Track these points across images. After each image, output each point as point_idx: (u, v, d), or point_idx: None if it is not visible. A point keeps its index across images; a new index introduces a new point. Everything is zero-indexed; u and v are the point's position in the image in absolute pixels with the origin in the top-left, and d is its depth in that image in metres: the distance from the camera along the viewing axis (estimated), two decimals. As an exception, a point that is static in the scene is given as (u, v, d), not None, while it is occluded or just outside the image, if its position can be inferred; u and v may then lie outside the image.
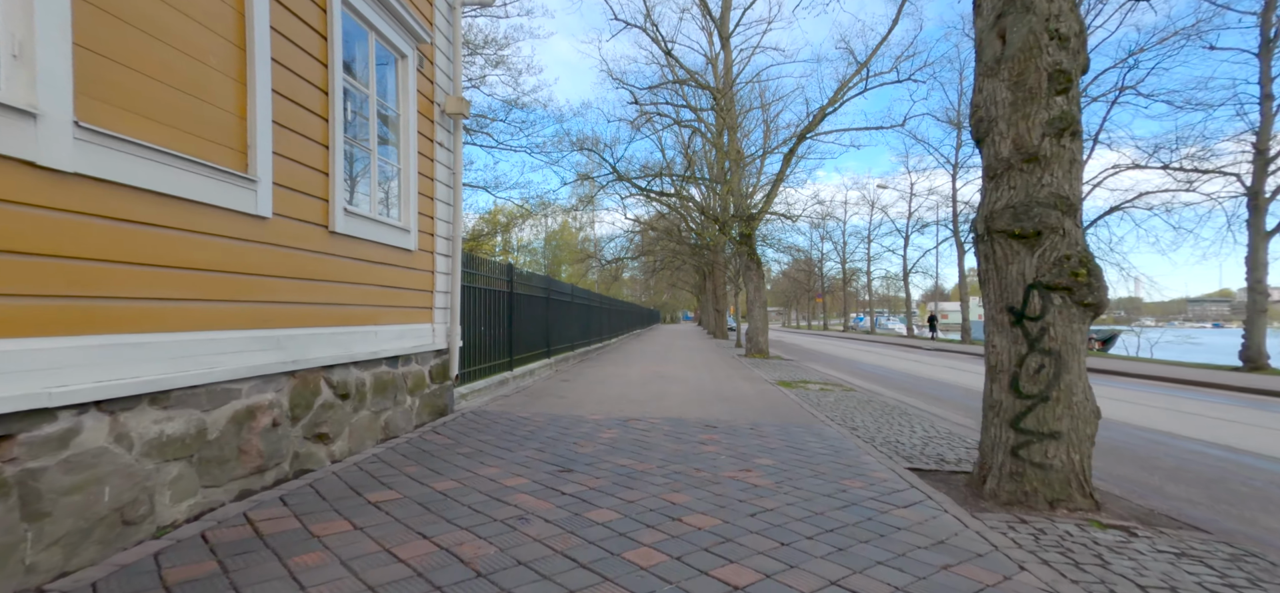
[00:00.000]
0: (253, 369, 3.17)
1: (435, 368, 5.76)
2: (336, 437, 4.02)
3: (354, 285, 4.29)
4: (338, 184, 4.02)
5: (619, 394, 8.02)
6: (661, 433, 5.36)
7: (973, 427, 6.89)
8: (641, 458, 4.39)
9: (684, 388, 8.84)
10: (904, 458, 4.74)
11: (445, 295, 5.91)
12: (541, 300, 11.12)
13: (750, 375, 11.10)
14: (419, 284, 5.40)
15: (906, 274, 37.55)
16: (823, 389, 9.36)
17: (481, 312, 7.87)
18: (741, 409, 6.87)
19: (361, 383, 4.37)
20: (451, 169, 6.03)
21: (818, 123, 16.08)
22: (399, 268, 5.01)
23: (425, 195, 5.50)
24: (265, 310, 3.33)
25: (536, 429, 5.41)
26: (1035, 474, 3.41)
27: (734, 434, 5.35)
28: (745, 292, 17.71)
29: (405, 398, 5.12)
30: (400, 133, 5.10)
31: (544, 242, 51.19)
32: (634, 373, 11.07)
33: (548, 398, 7.59)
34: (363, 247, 4.41)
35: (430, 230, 5.62)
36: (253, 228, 3.24)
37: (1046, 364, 3.43)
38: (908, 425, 6.30)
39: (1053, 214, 3.41)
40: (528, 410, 6.50)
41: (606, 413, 6.43)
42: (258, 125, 3.22)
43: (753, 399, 7.78)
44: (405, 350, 5.08)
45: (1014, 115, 3.51)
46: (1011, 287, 3.57)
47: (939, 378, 13.00)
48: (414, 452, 4.38)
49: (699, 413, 6.55)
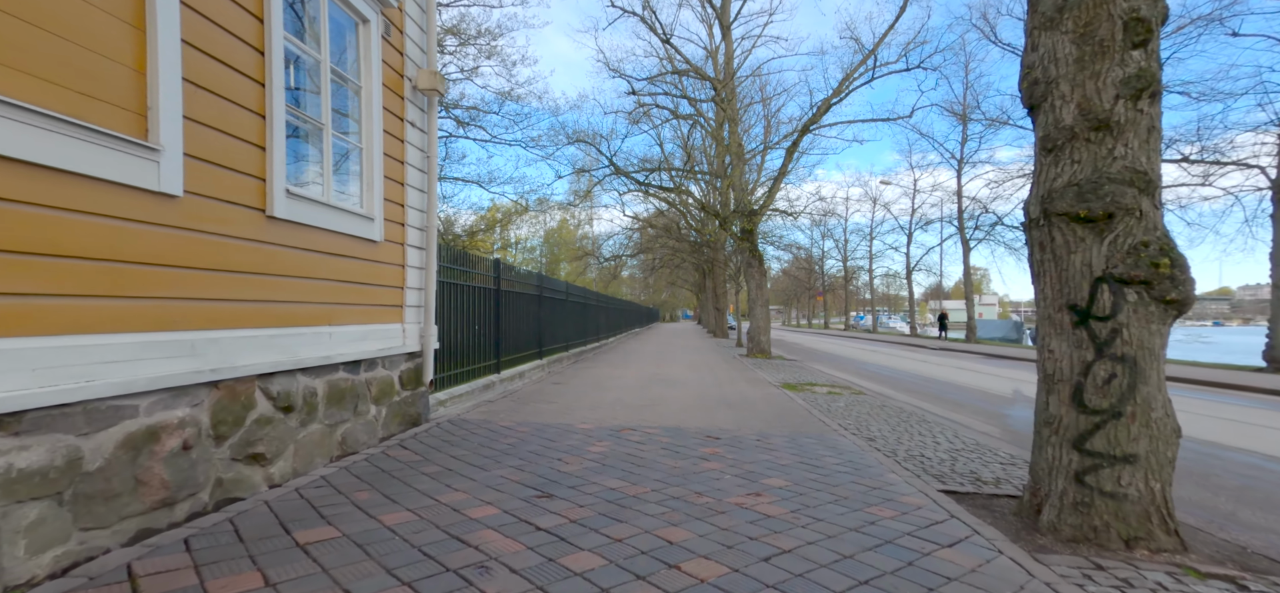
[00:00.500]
0: (155, 381, 2.59)
1: (407, 373, 5.17)
2: (276, 457, 3.44)
3: (301, 280, 3.71)
4: (278, 161, 3.43)
5: (613, 400, 7.44)
6: (659, 446, 4.78)
7: (999, 435, 6.32)
8: (635, 478, 3.80)
9: (683, 392, 8.26)
10: (934, 477, 4.16)
11: (418, 292, 5.32)
12: (532, 298, 10.54)
13: (753, 377, 10.52)
14: (386, 279, 4.82)
15: (909, 272, 36.96)
16: (831, 393, 8.79)
17: (465, 310, 7.29)
18: (746, 416, 6.29)
19: (311, 393, 3.79)
20: (425, 152, 5.44)
21: (822, 114, 15.49)
22: (361, 261, 4.43)
23: (393, 180, 4.91)
24: (173, 309, 2.74)
25: (518, 442, 4.83)
26: (1106, 506, 2.83)
27: (739, 447, 4.77)
28: (746, 290, 17.13)
29: (368, 408, 4.53)
30: (362, 108, 4.51)
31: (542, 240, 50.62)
32: (631, 375, 10.50)
33: (536, 403, 7.01)
34: (313, 235, 3.82)
35: (400, 220, 5.03)
36: (156, 208, 2.66)
37: (1119, 373, 2.85)
38: (929, 435, 5.73)
39: (1127, 192, 2.83)
40: (512, 419, 5.92)
41: (598, 422, 5.85)
42: (162, 82, 2.63)
43: (758, 404, 7.21)
44: (369, 354, 4.50)
45: (1080, 74, 2.92)
46: (1074, 280, 2.99)
47: (950, 380, 12.42)
48: (371, 472, 3.79)
49: (700, 421, 5.97)
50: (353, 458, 4.11)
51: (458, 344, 7.08)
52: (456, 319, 7.00)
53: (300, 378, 3.69)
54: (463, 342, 7.23)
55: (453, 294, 6.89)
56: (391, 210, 4.88)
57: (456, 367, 6.97)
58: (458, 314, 7.05)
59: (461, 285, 7.17)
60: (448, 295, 6.74)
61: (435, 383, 6.22)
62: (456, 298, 7.00)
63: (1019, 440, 6.10)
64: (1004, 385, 11.39)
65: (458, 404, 6.51)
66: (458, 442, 4.77)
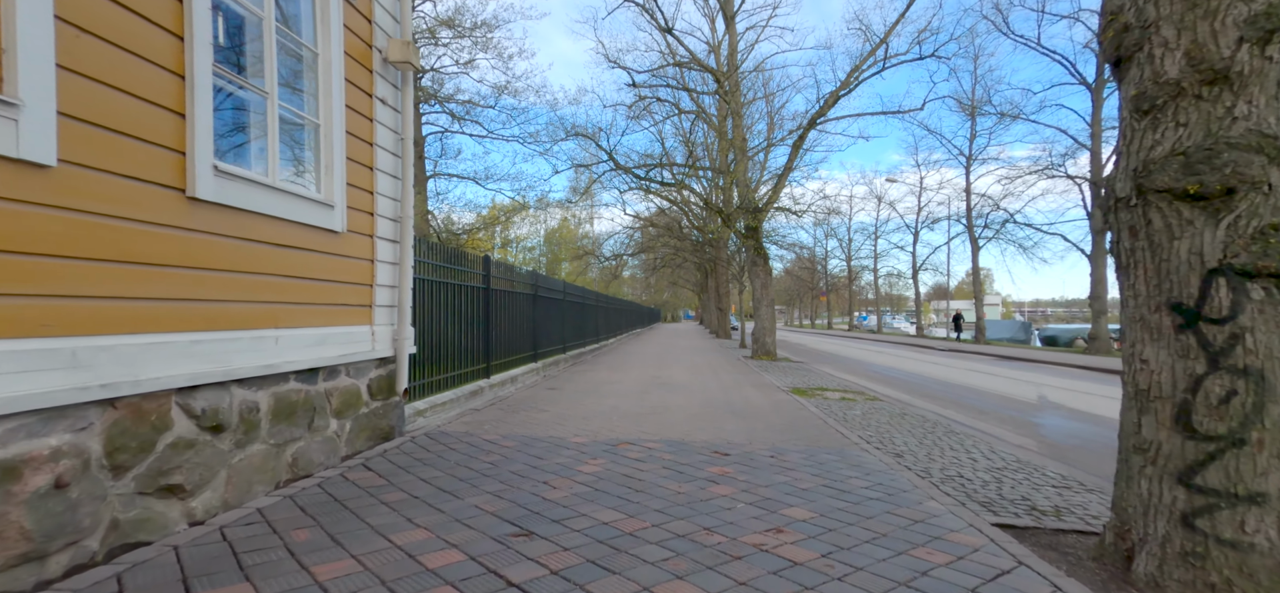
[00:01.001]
0: (9, 402, 2.01)
1: (377, 381, 4.60)
2: (201, 487, 2.86)
3: (236, 275, 3.13)
4: (202, 132, 2.85)
5: (611, 407, 6.86)
6: (660, 464, 4.19)
7: (1037, 449, 5.73)
8: (631, 508, 3.22)
9: (687, 398, 7.68)
10: (981, 505, 3.57)
11: (391, 290, 4.75)
12: (526, 298, 9.96)
13: (760, 382, 9.94)
14: (350, 275, 4.24)
15: (916, 272, 36.34)
16: (844, 399, 8.20)
17: (451, 311, 6.72)
18: (757, 427, 5.71)
19: (250, 408, 3.21)
20: (399, 133, 4.86)
21: (830, 106, 14.92)
22: (318, 254, 3.85)
23: (360, 164, 4.33)
24: (41, 309, 2.16)
25: (501, 460, 4.25)
26: (1226, 558, 2.24)
27: (752, 466, 4.19)
28: (751, 289, 16.55)
29: (327, 422, 3.95)
30: (320, 79, 3.93)
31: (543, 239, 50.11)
32: (630, 379, 9.91)
33: (527, 412, 6.43)
34: (253, 223, 3.24)
35: (368, 208, 4.45)
36: (14, 179, 2.08)
37: (1240, 390, 2.26)
38: (961, 450, 5.14)
39: (1254, 161, 2.24)
40: (498, 430, 5.34)
41: (593, 434, 5.26)
42: (20, 16, 2.05)
43: (767, 413, 6.62)
44: (329, 360, 3.92)
45: (1189, 15, 2.33)
46: (1178, 273, 2.40)
47: (966, 383, 11.82)
48: (321, 502, 3.21)
49: (706, 433, 5.38)
50: (304, 484, 3.53)
51: (441, 347, 6.50)
52: (440, 320, 6.42)
53: (236, 391, 3.11)
54: (447, 345, 6.65)
55: (436, 293, 6.32)
56: (357, 198, 4.30)
57: (439, 372, 6.40)
58: (442, 315, 6.47)
59: (447, 284, 6.59)
60: (430, 295, 6.17)
61: (413, 391, 5.64)
62: (440, 297, 6.43)
63: (1062, 456, 5.51)
64: (1024, 390, 10.80)
65: (439, 414, 5.93)
66: (432, 460, 4.19)
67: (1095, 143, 19.29)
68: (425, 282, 6.07)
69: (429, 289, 6.16)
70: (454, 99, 18.88)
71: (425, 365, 6.05)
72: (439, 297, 6.42)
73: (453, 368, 6.79)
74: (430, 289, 6.19)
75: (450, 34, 17.67)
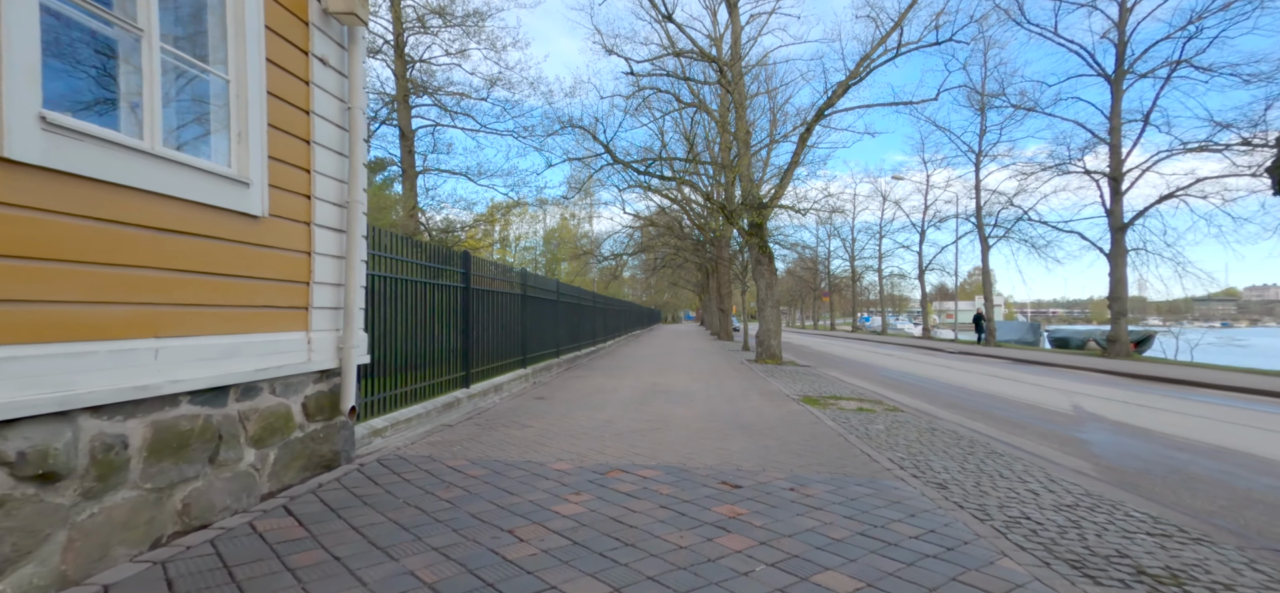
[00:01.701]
0: None
1: (315, 398, 3.81)
2: (17, 561, 2.06)
3: (84, 268, 2.34)
4: (20, 70, 2.06)
5: (603, 422, 6.06)
6: (656, 501, 3.40)
7: (1096, 474, 4.92)
8: (618, 577, 2.43)
9: (690, 410, 6.89)
10: (1072, 566, 2.77)
11: (334, 289, 3.96)
12: (514, 298, 9.17)
13: (767, 389, 9.14)
14: (276, 270, 3.45)
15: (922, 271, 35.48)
16: (862, 410, 7.41)
17: (423, 312, 5.93)
18: (770, 447, 4.91)
19: (111, 444, 2.42)
20: (345, 102, 4.07)
21: (840, 95, 14.13)
22: (226, 244, 3.06)
23: (288, 134, 3.54)
24: None
25: (463, 496, 3.46)
26: None
27: (769, 503, 3.40)
28: (755, 289, 15.76)
29: (240, 454, 3.16)
30: (229, 23, 3.14)
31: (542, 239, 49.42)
32: (627, 386, 9.12)
33: (507, 428, 5.63)
34: (113, 198, 2.46)
35: (302, 189, 3.66)
36: None
37: None
38: (1014, 478, 4.34)
39: None
40: (468, 453, 4.55)
41: (579, 457, 4.47)
42: None
43: (779, 428, 5.83)
44: (243, 376, 3.13)
45: None
46: None
47: (988, 390, 11.02)
48: (202, 571, 2.42)
49: (712, 454, 4.59)
50: (192, 538, 2.73)
51: (411, 354, 5.71)
52: (408, 324, 5.64)
53: (85, 423, 2.32)
54: (418, 351, 5.86)
55: (404, 293, 5.53)
56: (285, 176, 3.51)
57: (406, 382, 5.61)
58: (410, 318, 5.69)
59: (417, 283, 5.81)
60: (396, 295, 5.38)
61: (368, 408, 4.85)
62: (409, 298, 5.64)
63: (1127, 482, 4.71)
64: (1053, 398, 9.99)
65: (402, 433, 5.14)
66: (377, 498, 3.40)
67: (1115, 137, 18.43)
68: (389, 280, 5.29)
69: (394, 288, 5.37)
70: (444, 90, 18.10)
71: (388, 376, 5.26)
72: (407, 297, 5.63)
73: (424, 377, 6.00)
74: (396, 288, 5.41)
75: (440, 23, 16.88)
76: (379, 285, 5.10)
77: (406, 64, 17.79)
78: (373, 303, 4.96)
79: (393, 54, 17.83)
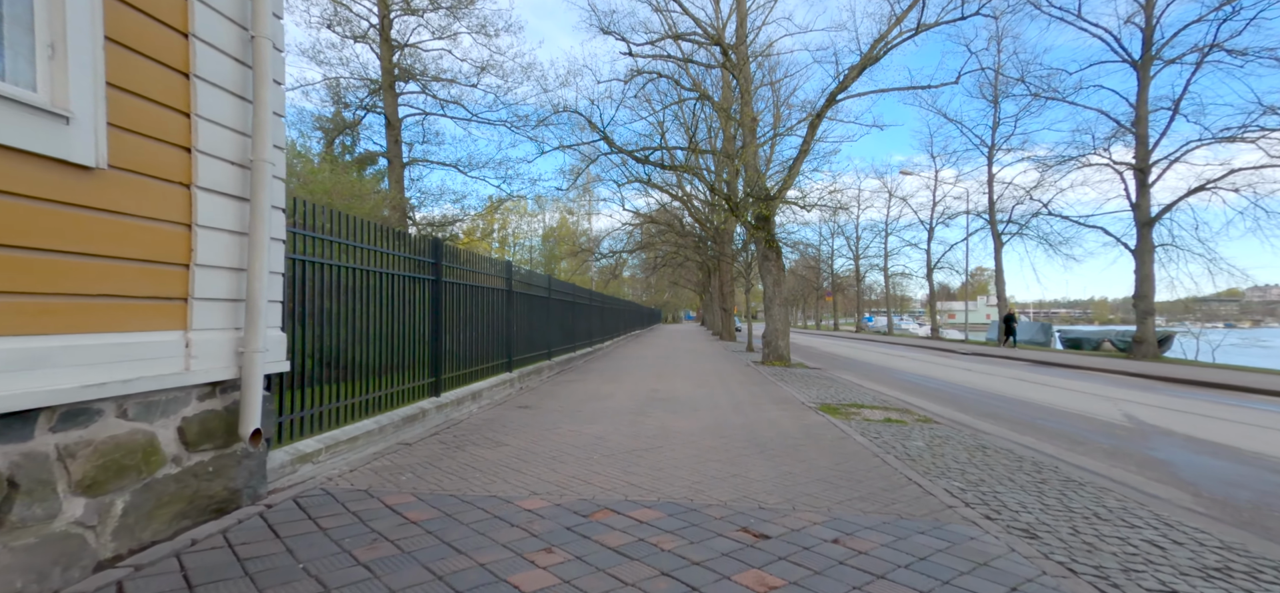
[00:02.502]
0: None
1: (200, 421, 2.85)
2: None
3: None
4: None
5: (593, 439, 5.10)
6: (656, 569, 2.44)
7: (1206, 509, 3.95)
8: None
9: (694, 422, 5.92)
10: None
11: (231, 276, 3.00)
12: (497, 294, 8.21)
13: (780, 395, 8.18)
14: (129, 246, 2.50)
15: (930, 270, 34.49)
16: (889, 420, 6.45)
17: (378, 308, 4.97)
18: (795, 473, 3.95)
19: None
20: (248, 29, 3.11)
21: (853, 78, 13.17)
22: (28, 201, 2.11)
23: (148, 58, 2.59)
24: None
25: (387, 559, 2.50)
26: None
27: (812, 568, 2.44)
28: (762, 287, 14.80)
29: (57, 508, 2.20)
30: (39, -116, 2.18)
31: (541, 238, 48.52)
32: (624, 393, 8.16)
33: (476, 448, 4.67)
34: None
35: (174, 137, 2.71)
36: None
37: None
38: (1116, 519, 3.38)
39: None
40: (418, 486, 3.59)
41: (559, 490, 3.51)
42: None
43: (803, 445, 4.87)
44: (66, 395, 2.18)
45: None
46: None
47: (1022, 397, 10.04)
48: None
49: (726, 484, 3.63)
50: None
51: (362, 359, 4.76)
52: (356, 322, 4.68)
53: None
54: (371, 355, 4.90)
55: (352, 284, 4.57)
56: (141, 115, 2.55)
57: (355, 393, 4.65)
58: (361, 314, 4.72)
59: (372, 272, 4.84)
60: (343, 285, 4.42)
61: (289, 428, 3.89)
62: (360, 290, 4.68)
63: (1261, 526, 3.74)
64: (1098, 405, 9.02)
65: (341, 457, 4.17)
66: (267, 562, 2.43)
67: (1141, 126, 17.41)
68: (331, 268, 4.33)
69: (337, 278, 4.41)
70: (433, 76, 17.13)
71: (325, 387, 4.30)
72: (358, 289, 4.67)
73: (383, 385, 5.04)
74: (340, 278, 4.45)
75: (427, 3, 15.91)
76: (314, 274, 4.15)
77: (392, 49, 16.85)
78: (304, 295, 4.00)
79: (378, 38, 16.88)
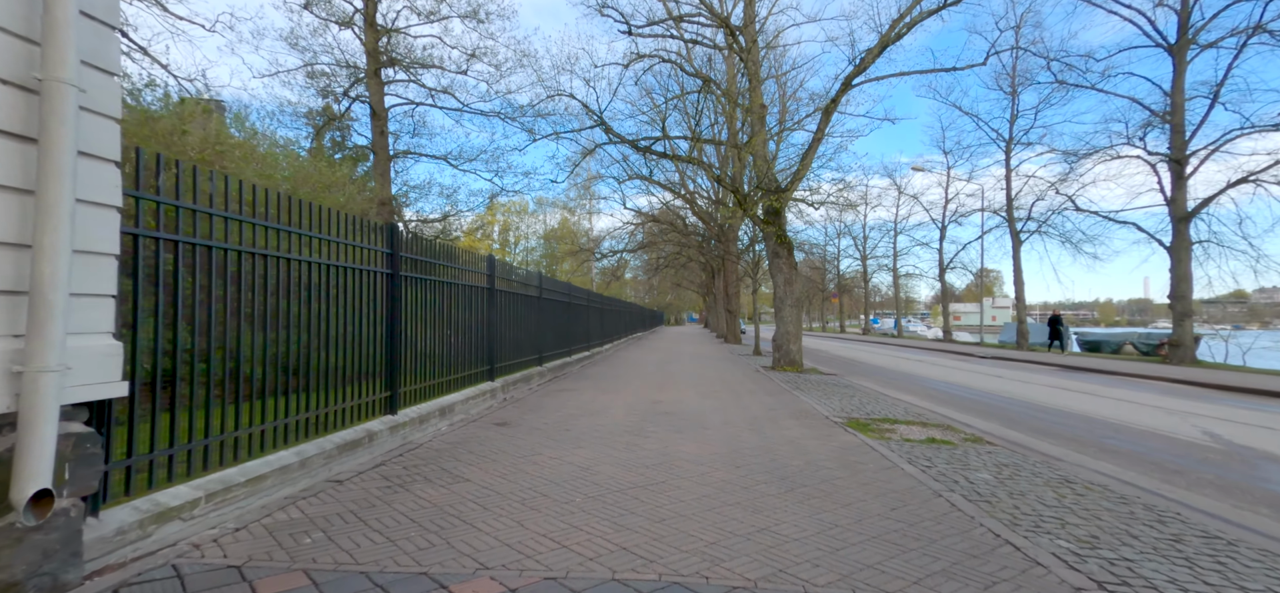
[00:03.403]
0: None
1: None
2: None
3: None
4: None
5: (578, 472, 4.06)
6: None
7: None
8: None
9: (703, 445, 4.88)
10: None
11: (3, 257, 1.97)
12: (477, 292, 7.17)
13: (798, 407, 7.13)
14: None
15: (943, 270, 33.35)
16: (932, 440, 5.40)
17: (317, 306, 3.93)
18: (841, 522, 2.90)
19: None
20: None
21: (871, 61, 12.14)
22: None
23: None
24: None
25: None
26: None
27: None
28: (773, 286, 13.75)
29: None
30: None
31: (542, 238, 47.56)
32: (621, 405, 7.11)
33: (425, 487, 3.64)
34: None
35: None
36: None
37: None
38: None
39: None
40: (321, 557, 2.56)
41: (517, 565, 2.47)
42: None
43: (837, 476, 3.82)
44: None
45: None
46: None
47: (1073, 409, 8.94)
48: None
49: (750, 550, 2.59)
50: None
51: (290, 369, 3.72)
52: (278, 322, 3.64)
53: None
54: (301, 365, 3.87)
55: (276, 275, 3.54)
56: None
57: (265, 419, 3.61)
58: (284, 314, 3.69)
59: (298, 261, 3.80)
60: (261, 276, 3.39)
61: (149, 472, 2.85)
62: (285, 282, 3.64)
63: None
64: (1163, 419, 7.92)
65: (235, 505, 3.13)
66: None
67: (1176, 115, 16.28)
68: (228, 251, 3.30)
69: (240, 265, 3.38)
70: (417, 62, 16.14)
71: (225, 410, 3.27)
72: (281, 282, 3.64)
73: (309, 405, 4.00)
74: (250, 266, 3.42)
75: (414, -12, 14.94)
76: (202, 258, 3.11)
77: (377, 33, 15.87)
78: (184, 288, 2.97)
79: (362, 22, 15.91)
